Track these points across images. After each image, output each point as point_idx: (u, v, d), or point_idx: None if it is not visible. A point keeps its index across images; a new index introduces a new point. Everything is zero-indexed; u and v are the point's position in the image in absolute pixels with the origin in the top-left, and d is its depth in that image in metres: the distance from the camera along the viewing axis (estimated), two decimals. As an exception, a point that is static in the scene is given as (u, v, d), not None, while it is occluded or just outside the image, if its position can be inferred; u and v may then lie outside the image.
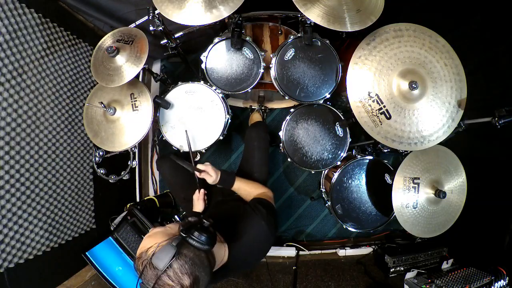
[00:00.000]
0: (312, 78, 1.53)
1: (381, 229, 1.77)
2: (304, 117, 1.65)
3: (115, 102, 1.45)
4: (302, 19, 1.43)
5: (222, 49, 1.55)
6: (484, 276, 1.59)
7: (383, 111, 1.27)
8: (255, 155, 1.47)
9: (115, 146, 1.45)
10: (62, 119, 1.53)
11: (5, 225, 1.20)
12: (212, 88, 1.59)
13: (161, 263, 0.71)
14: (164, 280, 0.71)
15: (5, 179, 1.19)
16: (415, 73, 1.27)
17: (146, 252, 0.76)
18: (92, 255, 1.63)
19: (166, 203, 2.07)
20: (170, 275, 0.71)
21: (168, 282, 0.71)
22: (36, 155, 1.35)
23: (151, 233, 0.83)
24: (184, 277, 0.72)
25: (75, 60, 1.63)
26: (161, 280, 0.71)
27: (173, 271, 0.72)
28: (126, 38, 1.36)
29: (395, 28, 1.30)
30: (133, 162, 1.54)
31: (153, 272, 0.72)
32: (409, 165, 1.39)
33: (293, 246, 2.15)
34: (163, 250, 0.73)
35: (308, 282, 1.93)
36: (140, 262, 0.76)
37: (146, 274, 0.73)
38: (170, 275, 0.71)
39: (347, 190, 1.68)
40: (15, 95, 1.25)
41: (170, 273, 0.71)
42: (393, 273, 1.89)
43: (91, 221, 1.75)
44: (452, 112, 1.29)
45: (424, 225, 1.39)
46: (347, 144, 1.64)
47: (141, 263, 0.75)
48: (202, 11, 1.21)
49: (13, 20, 1.23)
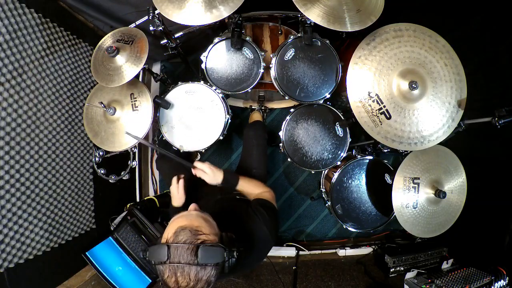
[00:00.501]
0: (312, 78, 1.53)
1: (381, 229, 1.77)
2: (304, 117, 1.65)
3: (115, 102, 1.45)
4: (302, 19, 1.43)
5: (222, 49, 1.55)
6: (484, 276, 1.59)
7: (383, 111, 1.27)
8: (253, 153, 1.48)
9: (115, 146, 1.45)
10: (62, 119, 1.53)
11: (5, 225, 1.20)
12: (212, 88, 1.59)
13: (204, 259, 0.70)
14: (189, 270, 0.70)
15: (5, 179, 1.19)
16: (415, 73, 1.27)
17: (195, 232, 0.73)
18: (92, 255, 1.63)
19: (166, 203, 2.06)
20: (199, 272, 0.70)
21: (191, 275, 0.70)
22: (36, 155, 1.35)
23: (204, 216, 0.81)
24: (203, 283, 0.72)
25: (75, 60, 1.62)
26: (188, 268, 0.70)
27: (204, 272, 0.71)
28: (126, 38, 1.36)
29: (395, 28, 1.30)
30: (133, 162, 1.54)
31: (189, 256, 0.70)
32: (409, 165, 1.39)
33: (293, 246, 2.15)
34: (216, 250, 0.72)
35: (308, 282, 1.93)
36: (184, 233, 0.73)
37: (179, 249, 0.71)
38: (198, 271, 0.70)
39: (347, 190, 1.68)
40: (15, 95, 1.25)
41: (201, 271, 0.71)
42: (393, 273, 1.89)
43: (91, 221, 1.75)
44: (452, 112, 1.29)
45: (424, 225, 1.39)
46: (347, 144, 1.64)
47: (184, 236, 0.72)
48: (202, 11, 1.21)
49: (13, 20, 1.23)
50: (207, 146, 1.61)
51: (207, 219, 0.81)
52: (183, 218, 0.79)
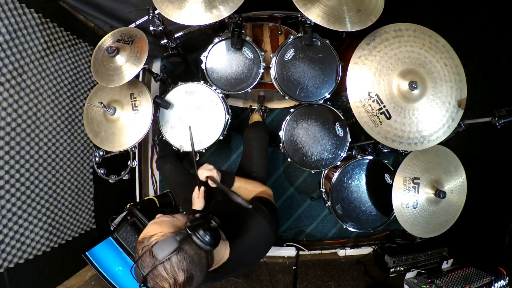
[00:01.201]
0: (312, 78, 1.53)
1: (381, 229, 1.77)
2: (304, 117, 1.65)
3: (115, 102, 1.45)
4: (302, 19, 1.43)
5: (222, 49, 1.55)
6: (484, 276, 1.59)
7: (383, 111, 1.27)
8: (254, 154, 1.47)
9: (115, 146, 1.45)
10: (62, 119, 1.53)
11: (5, 225, 1.20)
12: (212, 88, 1.59)
13: (161, 254, 0.71)
14: (159, 271, 0.71)
15: (5, 179, 1.19)
16: (415, 73, 1.27)
17: (149, 238, 0.76)
18: (92, 255, 1.63)
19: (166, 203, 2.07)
20: (167, 268, 0.71)
21: (162, 274, 0.71)
22: (36, 155, 1.35)
23: (157, 220, 0.82)
24: (180, 273, 0.72)
25: (75, 60, 1.63)
26: (157, 270, 0.71)
27: (171, 264, 0.72)
28: (126, 38, 1.36)
29: (395, 28, 1.30)
30: (133, 162, 1.54)
31: (151, 260, 0.72)
32: (409, 165, 1.39)
33: (293, 246, 2.15)
34: (165, 241, 0.73)
35: (308, 282, 1.93)
36: (141, 246, 0.76)
37: (143, 260, 0.73)
38: (166, 267, 0.71)
39: (347, 190, 1.68)
40: (15, 95, 1.25)
41: (167, 266, 0.71)
42: (393, 273, 1.89)
43: (91, 221, 1.75)
44: (452, 112, 1.29)
45: (424, 225, 1.39)
46: (347, 144, 1.64)
47: (141, 248, 0.75)
48: (202, 11, 1.21)
49: (13, 20, 1.23)
50: (207, 146, 1.61)
51: (162, 221, 0.82)
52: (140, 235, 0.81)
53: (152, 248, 0.72)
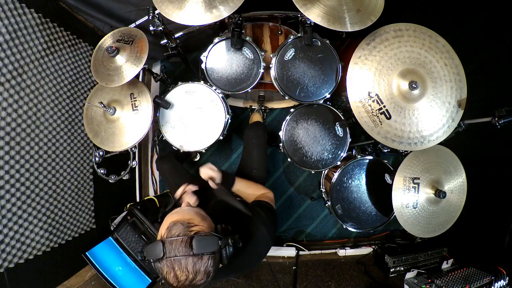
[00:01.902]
0: (312, 78, 1.53)
1: (381, 229, 1.77)
2: (304, 117, 1.65)
3: (115, 102, 1.45)
4: (302, 19, 1.43)
5: (222, 49, 1.55)
6: (484, 276, 1.59)
7: (383, 111, 1.27)
8: (253, 153, 1.48)
9: (115, 146, 1.45)
10: (62, 119, 1.53)
11: (5, 225, 1.20)
12: (212, 88, 1.59)
13: (199, 249, 0.71)
14: (187, 262, 0.70)
15: (5, 179, 1.19)
16: (415, 73, 1.27)
17: (189, 226, 0.74)
18: (92, 255, 1.63)
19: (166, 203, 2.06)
20: (196, 263, 0.71)
21: (188, 267, 0.70)
22: (36, 155, 1.35)
23: (200, 211, 0.82)
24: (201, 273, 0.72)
25: (75, 60, 1.63)
26: (185, 260, 0.70)
27: (201, 262, 0.71)
28: (126, 38, 1.36)
29: (395, 28, 1.30)
30: (133, 162, 1.54)
31: (183, 248, 0.71)
32: (409, 165, 1.39)
33: (293, 246, 2.15)
34: (209, 239, 0.72)
35: (308, 282, 1.93)
36: (177, 228, 0.74)
37: (174, 244, 0.71)
38: (196, 263, 0.71)
39: (347, 190, 1.68)
40: (15, 95, 1.25)
41: (198, 262, 0.71)
42: (393, 273, 1.89)
43: (91, 221, 1.75)
44: (452, 112, 1.29)
45: (424, 225, 1.39)
46: (347, 144, 1.64)
47: (178, 231, 0.73)
48: (202, 11, 1.21)
49: (13, 20, 1.23)
50: (207, 146, 1.61)
51: (198, 212, 0.82)
52: (175, 214, 0.80)
53: (194, 238, 0.71)
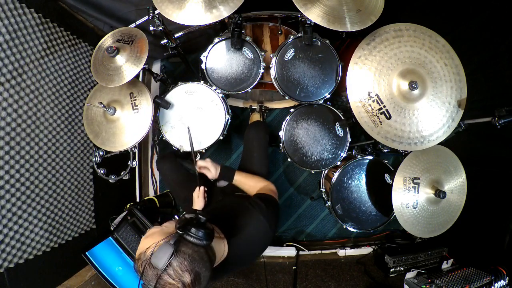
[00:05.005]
0: (312, 78, 1.53)
1: (381, 229, 1.77)
2: (304, 117, 1.65)
3: (115, 102, 1.45)
4: (302, 19, 1.43)
5: (222, 49, 1.55)
6: (484, 276, 1.59)
7: (383, 111, 1.27)
8: (254, 153, 1.48)
9: (116, 146, 1.45)
10: (62, 119, 1.53)
11: (5, 225, 1.20)
12: (212, 88, 1.59)
13: (160, 262, 0.71)
14: (165, 279, 0.71)
15: (5, 179, 1.19)
16: (415, 73, 1.27)
17: (144, 253, 0.75)
18: (92, 255, 1.63)
19: (166, 203, 2.07)
20: (171, 274, 0.71)
21: (169, 281, 0.71)
22: (36, 155, 1.35)
23: (148, 234, 0.82)
24: (185, 274, 0.72)
25: (75, 60, 1.63)
26: (162, 280, 0.71)
27: (173, 269, 0.71)
28: (126, 38, 1.36)
29: (395, 28, 1.30)
30: (133, 162, 1.54)
31: (153, 272, 0.72)
32: (409, 165, 1.39)
33: (293, 246, 2.15)
34: (161, 249, 0.73)
35: (308, 282, 1.93)
36: (139, 263, 0.75)
37: (146, 275, 0.73)
38: (170, 273, 0.71)
39: (347, 190, 1.68)
40: (15, 95, 1.25)
41: (171, 271, 0.71)
42: (393, 273, 1.89)
43: (91, 221, 1.75)
44: (452, 112, 1.29)
45: (424, 225, 1.39)
46: (347, 144, 1.64)
47: (140, 264, 0.75)
48: (202, 11, 1.21)
49: (13, 20, 1.23)
50: (207, 146, 1.61)
51: (152, 233, 0.82)
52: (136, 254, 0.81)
53: (151, 260, 0.72)
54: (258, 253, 1.10)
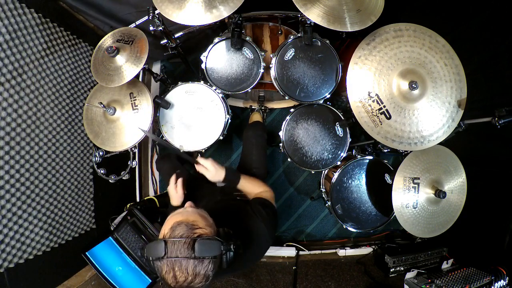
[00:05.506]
0: (312, 78, 1.53)
1: (381, 229, 1.77)
2: (304, 117, 1.65)
3: (114, 102, 1.45)
4: (302, 19, 1.43)
5: (222, 49, 1.55)
6: (484, 276, 1.59)
7: (383, 111, 1.27)
8: (253, 152, 1.48)
9: (116, 146, 1.45)
10: (62, 119, 1.53)
11: (5, 225, 1.20)
12: (212, 88, 1.59)
13: (201, 252, 0.70)
14: (188, 264, 0.70)
15: (5, 179, 1.19)
16: (415, 73, 1.27)
17: (193, 227, 0.74)
18: (92, 255, 1.63)
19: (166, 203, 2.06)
20: (197, 266, 0.71)
21: (188, 268, 0.70)
22: (36, 155, 1.35)
23: (204, 213, 0.82)
24: (201, 276, 0.72)
25: (75, 60, 1.63)
26: (185, 262, 0.70)
27: (202, 265, 0.71)
28: (126, 38, 1.36)
29: (395, 28, 1.30)
30: (133, 162, 1.54)
31: (185, 250, 0.71)
32: (409, 165, 1.39)
33: (293, 246, 2.15)
34: (212, 243, 0.72)
35: (308, 282, 1.93)
36: (180, 229, 0.74)
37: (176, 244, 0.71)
38: (196, 265, 0.71)
39: (347, 190, 1.68)
40: (15, 95, 1.25)
41: (198, 264, 0.71)
42: (393, 273, 1.89)
43: (91, 221, 1.75)
44: (452, 112, 1.29)
45: (424, 225, 1.39)
46: (347, 144, 1.64)
47: (180, 231, 0.73)
48: (202, 11, 1.21)
49: (13, 20, 1.23)
50: (207, 146, 1.61)
51: (202, 214, 0.82)
52: (179, 215, 0.80)
53: (196, 241, 0.71)
54: (256, 259, 1.10)
